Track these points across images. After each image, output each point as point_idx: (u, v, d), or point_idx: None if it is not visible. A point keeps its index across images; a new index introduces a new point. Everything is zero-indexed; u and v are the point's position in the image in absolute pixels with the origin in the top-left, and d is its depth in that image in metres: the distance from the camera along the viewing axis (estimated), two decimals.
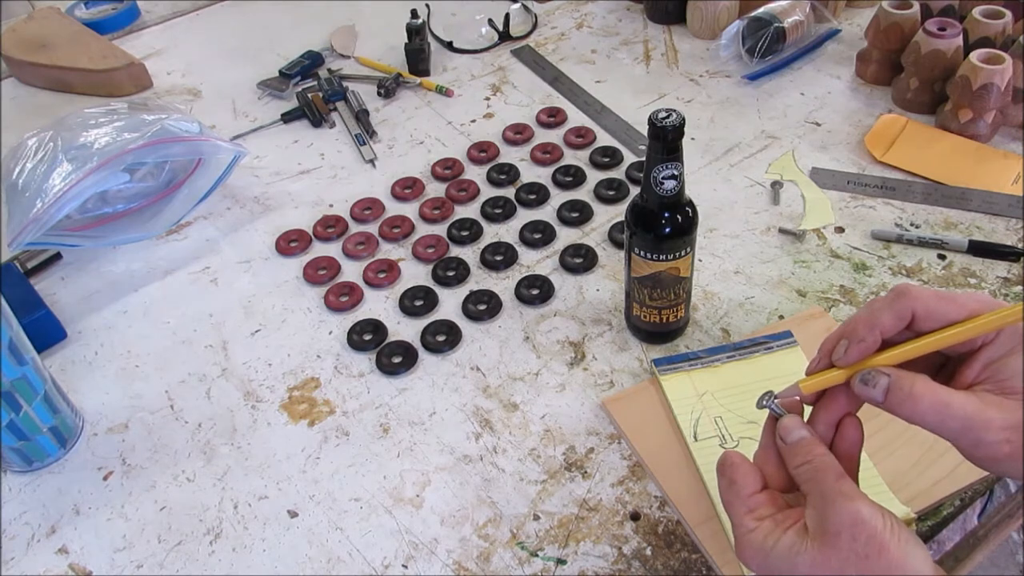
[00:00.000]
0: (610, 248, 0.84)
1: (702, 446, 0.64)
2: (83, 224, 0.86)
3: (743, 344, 0.70)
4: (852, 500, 0.42)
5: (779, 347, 0.70)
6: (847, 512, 0.41)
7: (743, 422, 0.65)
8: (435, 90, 1.06)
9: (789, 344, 0.70)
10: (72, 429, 0.71)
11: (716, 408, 0.66)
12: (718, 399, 0.67)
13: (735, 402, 0.66)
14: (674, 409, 0.66)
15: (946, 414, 0.43)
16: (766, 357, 0.69)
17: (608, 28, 1.15)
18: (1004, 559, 1.44)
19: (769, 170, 0.90)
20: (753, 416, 0.64)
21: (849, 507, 0.41)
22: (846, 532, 0.41)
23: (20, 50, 1.13)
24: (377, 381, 0.74)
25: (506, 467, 0.66)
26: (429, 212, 0.89)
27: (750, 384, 0.67)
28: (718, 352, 0.70)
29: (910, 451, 0.62)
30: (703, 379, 0.68)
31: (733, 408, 0.66)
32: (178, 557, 0.63)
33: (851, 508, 0.41)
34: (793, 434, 0.47)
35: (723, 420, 0.65)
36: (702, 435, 0.64)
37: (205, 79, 1.13)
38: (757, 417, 0.62)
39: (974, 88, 0.86)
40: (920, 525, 0.60)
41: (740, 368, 0.69)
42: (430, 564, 0.61)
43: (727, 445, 0.63)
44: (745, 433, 0.64)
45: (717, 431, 0.64)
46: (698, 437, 0.64)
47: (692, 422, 0.65)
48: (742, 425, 0.65)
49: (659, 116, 0.60)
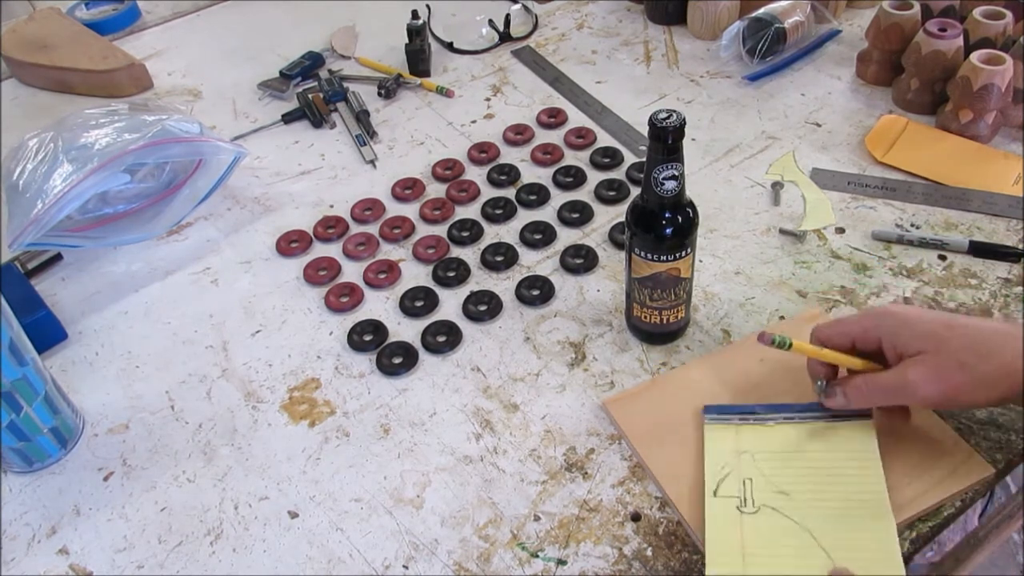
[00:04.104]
0: (610, 249, 0.84)
1: (718, 503, 0.60)
2: (84, 225, 0.86)
3: (810, 407, 0.64)
4: None
5: (849, 418, 0.63)
6: None
7: (772, 490, 0.60)
8: (435, 91, 1.06)
9: (862, 417, 0.63)
10: (73, 430, 0.71)
11: (750, 469, 0.62)
12: (757, 460, 0.62)
13: (774, 467, 0.62)
14: (706, 458, 0.63)
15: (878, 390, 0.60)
16: (829, 425, 0.63)
17: (608, 29, 1.15)
18: (1004, 560, 1.44)
19: (769, 171, 0.90)
20: (784, 487, 0.60)
21: None
22: None
23: (21, 51, 1.13)
24: (377, 382, 0.74)
25: (506, 468, 0.66)
26: (429, 213, 0.89)
27: (798, 453, 0.62)
28: (777, 411, 0.65)
29: (911, 452, 0.62)
30: (750, 436, 0.64)
31: (768, 473, 0.61)
32: (178, 558, 0.63)
33: None
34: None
35: (752, 483, 0.61)
36: (723, 492, 0.61)
37: (205, 80, 1.13)
38: (788, 489, 0.60)
39: (974, 89, 0.86)
40: (921, 526, 0.60)
41: (795, 433, 0.63)
42: (430, 565, 0.61)
43: (744, 510, 0.59)
44: (769, 502, 0.60)
45: (740, 493, 0.60)
46: (718, 493, 0.61)
47: (719, 477, 0.61)
48: (770, 493, 0.60)
49: (659, 117, 0.60)
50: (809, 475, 0.61)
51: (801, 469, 0.61)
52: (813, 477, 0.60)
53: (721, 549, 0.57)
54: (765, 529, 0.58)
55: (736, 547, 0.57)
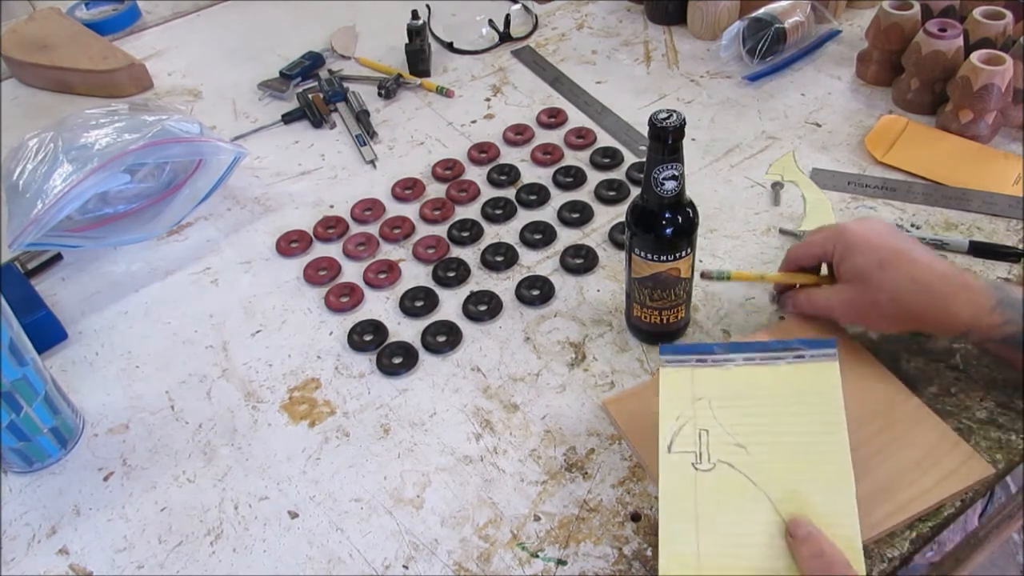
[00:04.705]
0: (610, 249, 0.84)
1: (673, 460, 0.57)
2: (84, 225, 0.86)
3: (770, 346, 0.61)
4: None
5: (813, 358, 0.60)
6: None
7: (730, 443, 0.57)
8: (435, 91, 1.06)
9: (826, 357, 0.60)
10: (73, 430, 0.71)
11: (706, 419, 0.58)
12: (714, 408, 0.59)
13: (732, 416, 0.59)
14: (661, 408, 0.59)
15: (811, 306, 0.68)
16: (792, 368, 0.60)
17: (608, 29, 1.15)
18: (1004, 560, 1.44)
19: (770, 171, 0.90)
20: (742, 440, 0.57)
21: None
22: None
23: (21, 51, 1.13)
24: (377, 382, 0.74)
25: (506, 468, 0.66)
26: (429, 213, 0.89)
27: (759, 397, 0.59)
28: (737, 351, 0.61)
29: (911, 452, 0.62)
30: (706, 380, 0.60)
31: (725, 423, 0.58)
32: (179, 558, 0.63)
33: None
34: (802, 529, 0.53)
35: (708, 435, 0.58)
36: (677, 447, 0.57)
37: (206, 80, 1.13)
38: (745, 442, 0.57)
39: (975, 89, 0.86)
40: (921, 526, 0.60)
41: (755, 375, 0.60)
42: (430, 565, 0.61)
43: (699, 467, 0.56)
44: (726, 457, 0.56)
45: (696, 447, 0.57)
46: (672, 449, 0.57)
47: (673, 430, 0.58)
48: (727, 447, 0.57)
49: (659, 117, 0.60)
50: (768, 426, 0.58)
51: (760, 418, 0.58)
52: (773, 428, 0.57)
53: (675, 514, 0.55)
54: (720, 489, 0.55)
55: (690, 510, 0.55)
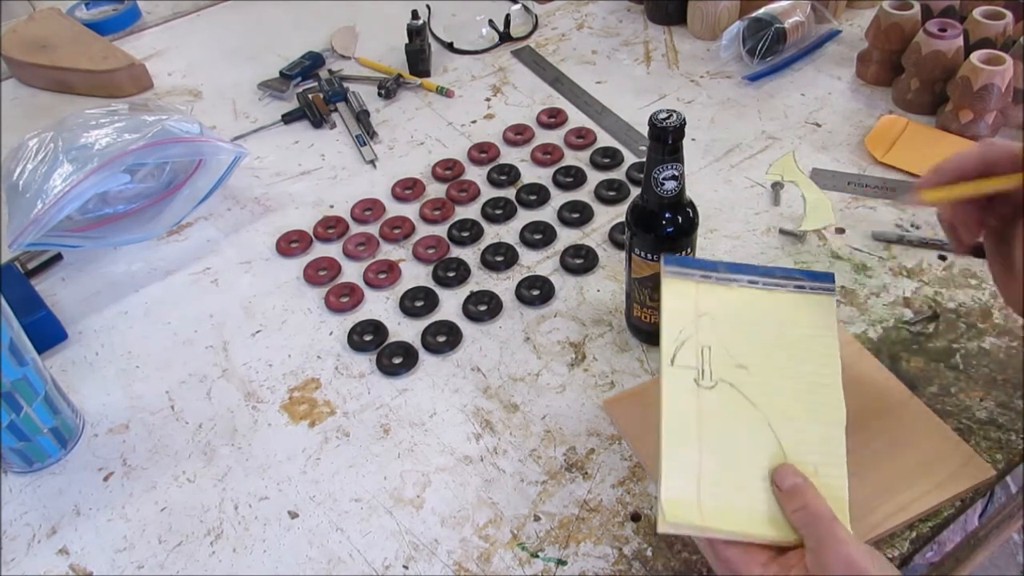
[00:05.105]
0: (611, 249, 0.84)
1: (675, 374, 0.56)
2: (84, 225, 0.86)
3: (773, 272, 0.60)
4: (845, 545, 0.47)
5: (812, 290, 0.59)
6: (841, 556, 0.46)
7: (731, 364, 0.56)
8: (435, 91, 1.06)
9: (825, 291, 0.59)
10: (73, 430, 0.71)
11: (709, 336, 0.57)
12: (716, 327, 0.57)
13: (733, 337, 0.57)
14: (664, 318, 0.57)
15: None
16: (792, 296, 0.59)
17: (608, 29, 1.15)
18: (1004, 560, 1.44)
19: (770, 171, 0.90)
20: (743, 361, 0.56)
21: (842, 551, 0.46)
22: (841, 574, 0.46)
23: (21, 51, 1.13)
24: (377, 382, 0.74)
25: (506, 468, 0.66)
26: (429, 213, 0.89)
27: (759, 322, 0.58)
28: (740, 272, 0.60)
29: (912, 453, 0.62)
30: (709, 297, 0.59)
31: (727, 343, 0.57)
32: (179, 558, 0.63)
33: (844, 552, 0.46)
34: (788, 480, 0.51)
35: (710, 352, 0.56)
36: (680, 361, 0.56)
37: (206, 80, 1.13)
38: (747, 363, 0.56)
39: (975, 89, 0.86)
40: (921, 526, 0.60)
41: (756, 299, 0.58)
42: (431, 565, 0.61)
43: (701, 383, 0.55)
44: (727, 377, 0.55)
45: (698, 364, 0.56)
46: (675, 362, 0.56)
47: (676, 343, 0.57)
48: (728, 367, 0.56)
49: (659, 117, 0.60)
50: (768, 349, 0.57)
51: (760, 341, 0.57)
52: (772, 352, 0.57)
53: (678, 427, 0.54)
54: (721, 408, 0.55)
55: (692, 426, 0.54)
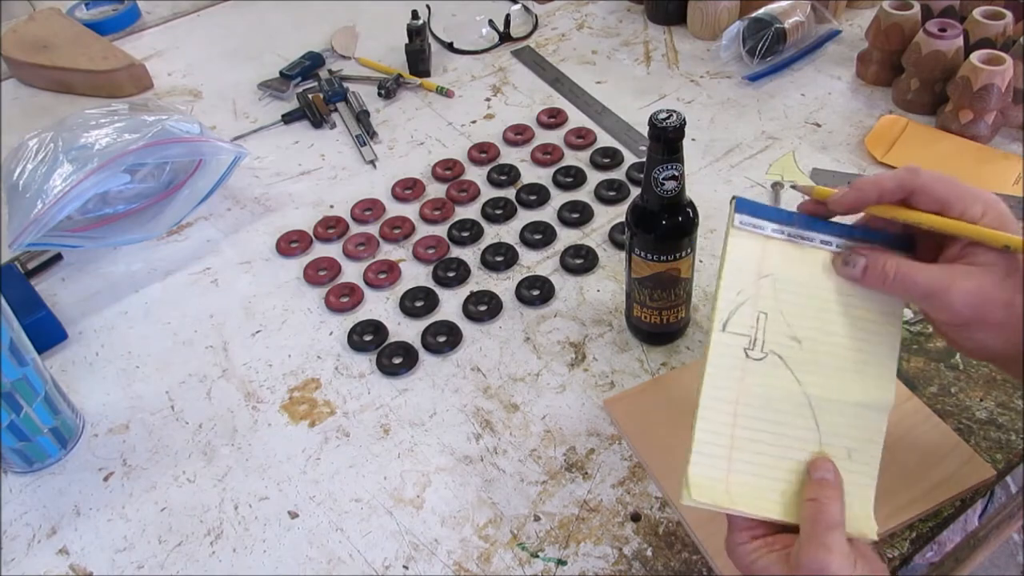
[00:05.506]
0: (611, 249, 0.84)
1: (725, 341, 0.51)
2: (84, 225, 0.86)
3: (853, 233, 0.53)
4: (829, 553, 0.46)
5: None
6: (819, 562, 0.46)
7: (785, 335, 0.52)
8: (435, 91, 1.06)
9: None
10: (73, 430, 0.71)
11: (768, 301, 0.52)
12: (778, 291, 0.52)
13: (795, 304, 0.52)
14: (725, 277, 0.52)
15: (911, 286, 0.49)
16: None
17: (608, 29, 1.15)
18: (1005, 560, 1.44)
19: (770, 171, 0.90)
20: (798, 333, 0.52)
21: (823, 558, 0.46)
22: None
23: (21, 51, 1.13)
24: (377, 382, 0.74)
25: (507, 468, 0.66)
26: (429, 213, 0.89)
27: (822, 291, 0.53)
28: (819, 229, 0.53)
29: (912, 454, 0.62)
30: (778, 256, 0.53)
31: (787, 311, 0.52)
32: (179, 558, 0.63)
33: (824, 560, 0.46)
34: (820, 472, 0.50)
35: (766, 319, 0.52)
36: (733, 327, 0.52)
37: (206, 80, 1.13)
38: (802, 335, 0.52)
39: (975, 89, 0.86)
40: (921, 526, 0.60)
41: (826, 264, 0.53)
42: (431, 565, 0.61)
43: (751, 354, 0.51)
44: (778, 349, 0.51)
45: (751, 330, 0.52)
46: (728, 327, 0.52)
47: (731, 308, 0.52)
48: (782, 338, 0.52)
49: (659, 117, 0.60)
50: (826, 321, 0.53)
51: (820, 312, 0.53)
52: (829, 325, 0.53)
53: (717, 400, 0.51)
54: (765, 382, 0.51)
55: (732, 400, 0.51)
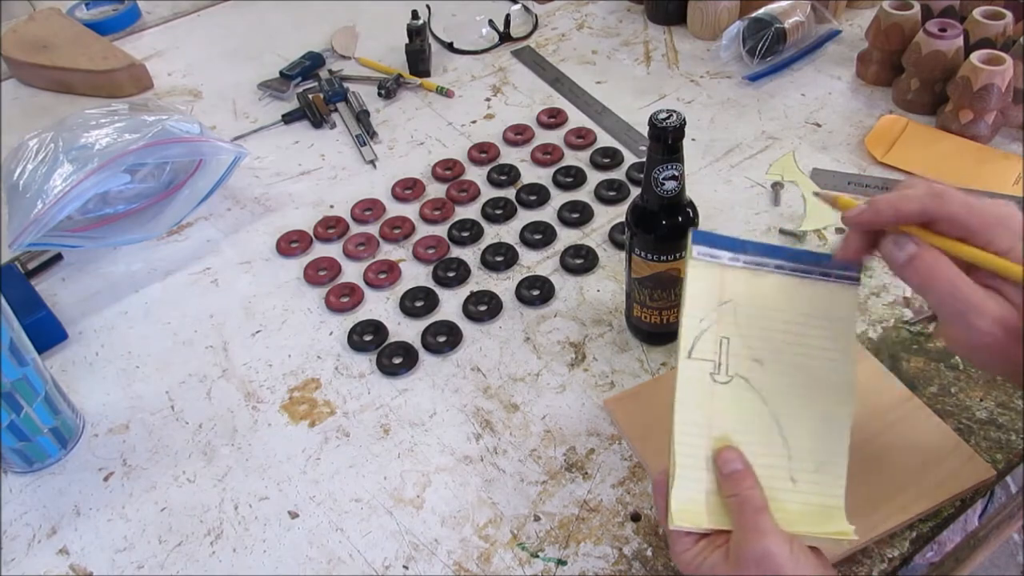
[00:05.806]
0: (611, 249, 0.84)
1: (692, 367, 0.53)
2: (84, 225, 0.86)
3: (803, 257, 0.55)
4: (764, 536, 0.48)
5: (837, 279, 0.55)
6: (758, 548, 0.48)
7: (748, 358, 0.54)
8: (436, 91, 1.06)
9: (850, 281, 0.55)
10: (73, 430, 0.71)
11: (729, 326, 0.54)
12: (738, 315, 0.54)
13: (755, 327, 0.54)
14: (686, 306, 0.54)
15: (954, 295, 0.46)
16: (816, 285, 0.55)
17: (609, 29, 1.15)
18: (1005, 560, 1.44)
19: (770, 171, 0.90)
20: (760, 356, 0.54)
21: (760, 543, 0.48)
22: (754, 564, 0.48)
23: (21, 51, 1.13)
24: (378, 382, 0.74)
25: (507, 468, 0.66)
26: (430, 213, 0.89)
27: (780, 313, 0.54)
28: (771, 255, 0.55)
29: (912, 454, 0.62)
30: (736, 283, 0.55)
31: (747, 334, 0.54)
32: (179, 558, 0.63)
33: (762, 544, 0.48)
34: (729, 466, 0.52)
35: (728, 344, 0.54)
36: (698, 354, 0.53)
37: (206, 80, 1.13)
38: (763, 356, 0.54)
39: (975, 89, 0.86)
40: (921, 526, 0.60)
41: (781, 287, 0.55)
42: (431, 565, 0.61)
43: (717, 378, 0.53)
44: (744, 372, 0.53)
45: (715, 355, 0.54)
46: (693, 355, 0.53)
47: (695, 335, 0.54)
48: (744, 361, 0.54)
49: (659, 117, 0.60)
50: (785, 342, 0.55)
51: (779, 333, 0.55)
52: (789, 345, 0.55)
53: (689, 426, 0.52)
54: (733, 405, 0.53)
55: (703, 424, 0.53)
